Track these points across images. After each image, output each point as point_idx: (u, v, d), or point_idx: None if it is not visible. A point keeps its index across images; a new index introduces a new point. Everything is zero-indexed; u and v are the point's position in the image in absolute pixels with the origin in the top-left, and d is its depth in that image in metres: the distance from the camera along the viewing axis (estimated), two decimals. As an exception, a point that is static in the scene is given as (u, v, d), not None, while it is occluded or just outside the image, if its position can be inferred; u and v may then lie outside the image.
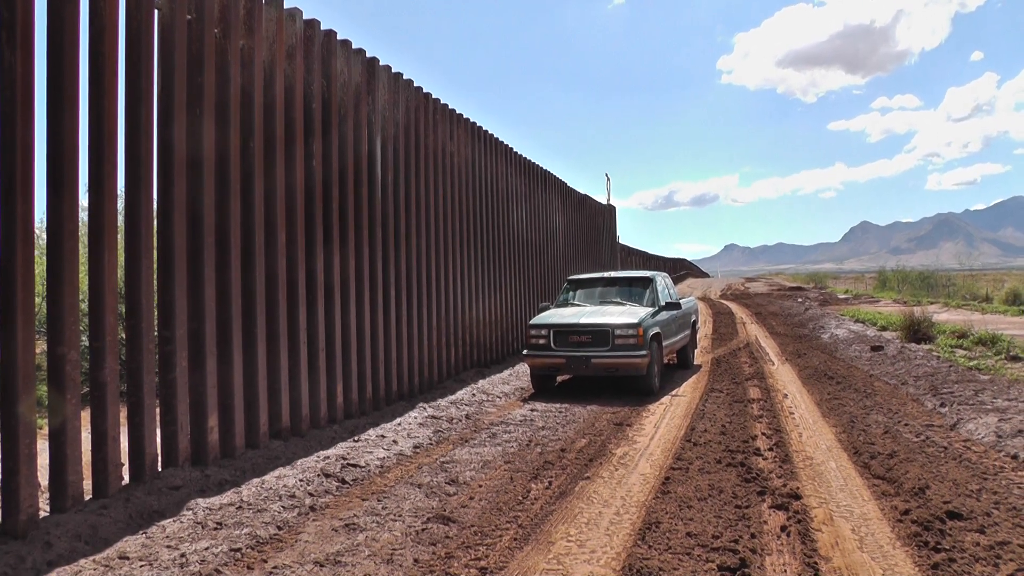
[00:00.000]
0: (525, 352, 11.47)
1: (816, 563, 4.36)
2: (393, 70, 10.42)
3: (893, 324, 17.37)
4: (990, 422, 7.59)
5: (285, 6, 7.96)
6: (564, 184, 21.19)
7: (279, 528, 5.18)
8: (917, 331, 15.03)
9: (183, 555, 4.64)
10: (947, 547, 4.49)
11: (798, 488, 5.82)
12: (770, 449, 7.18)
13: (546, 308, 12.82)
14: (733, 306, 31.34)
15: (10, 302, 4.96)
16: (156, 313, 6.42)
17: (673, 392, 10.99)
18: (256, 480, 6.27)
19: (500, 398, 10.86)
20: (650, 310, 11.62)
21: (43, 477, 5.36)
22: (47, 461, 5.33)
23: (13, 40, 4.98)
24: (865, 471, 6.31)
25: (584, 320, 11.17)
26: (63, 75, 5.41)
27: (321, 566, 4.47)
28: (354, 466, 6.80)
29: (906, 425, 7.92)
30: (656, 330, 11.28)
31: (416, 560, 4.54)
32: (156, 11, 6.34)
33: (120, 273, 6.19)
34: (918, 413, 8.56)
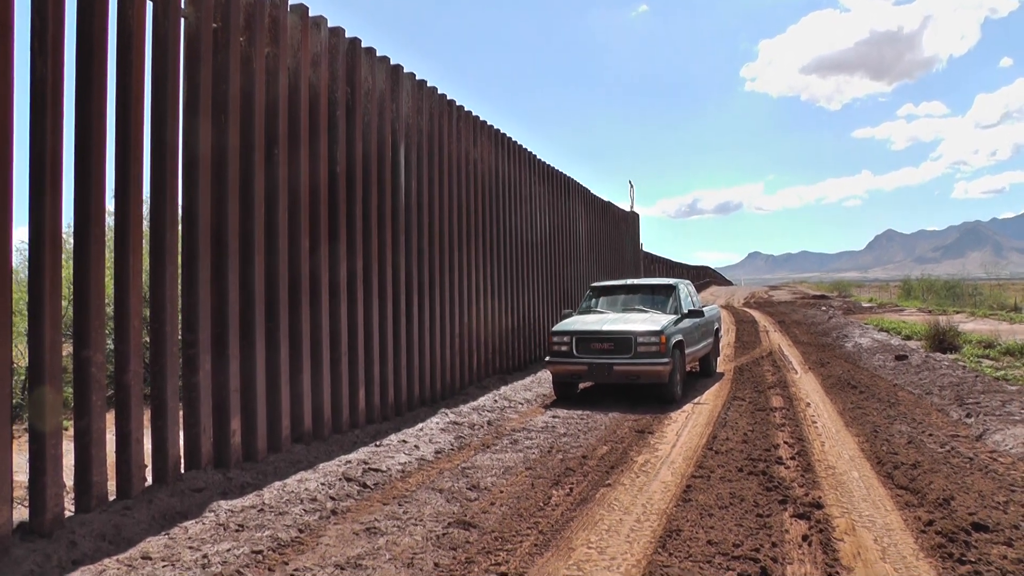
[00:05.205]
0: (547, 359, 11.46)
1: (838, 573, 4.33)
2: (417, 77, 10.48)
3: (918, 333, 17.19)
4: (1018, 433, 7.50)
5: (310, 14, 8.03)
6: (587, 191, 21.17)
7: (300, 531, 5.21)
8: (942, 341, 14.88)
9: (205, 556, 4.68)
10: (972, 559, 4.43)
11: (820, 497, 5.77)
12: (792, 458, 7.12)
13: (569, 315, 12.79)
14: (756, 314, 31.14)
15: (38, 305, 5.04)
16: (180, 316, 6.49)
17: (695, 400, 10.94)
18: (278, 483, 6.31)
19: (522, 404, 10.85)
20: (673, 318, 11.57)
21: (68, 477, 5.42)
22: (72, 462, 5.39)
23: (44, 49, 5.06)
24: (888, 481, 6.25)
25: (606, 327, 11.14)
26: (91, 83, 5.49)
27: (342, 569, 4.49)
28: (376, 471, 6.83)
29: (930, 435, 7.83)
30: (679, 338, 11.23)
31: (436, 564, 4.55)
32: (183, 20, 6.42)
33: (145, 277, 6.26)
34: (943, 423, 8.47)
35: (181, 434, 6.38)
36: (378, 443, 7.89)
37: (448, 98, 11.55)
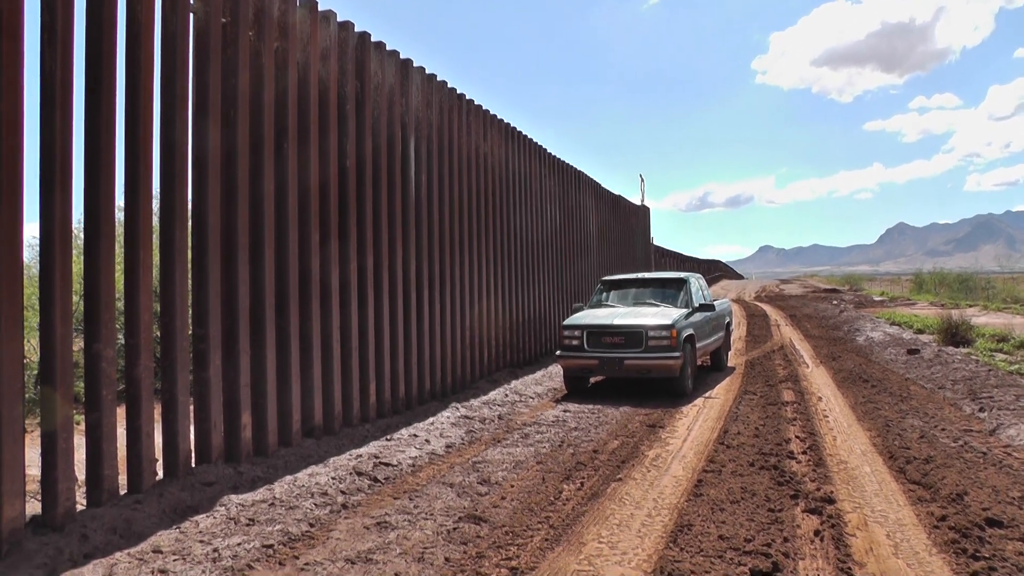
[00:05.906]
0: (558, 353, 11.44)
1: (850, 568, 4.30)
2: (427, 71, 10.45)
3: (930, 327, 17.10)
4: (1031, 427, 7.44)
5: (319, 9, 8.01)
6: (598, 185, 21.12)
7: (311, 525, 5.21)
8: (955, 334, 14.78)
9: (215, 550, 4.68)
10: (987, 555, 4.40)
11: (832, 492, 5.74)
12: (804, 452, 7.09)
13: (580, 309, 12.76)
14: (767, 308, 31.04)
15: (49, 300, 5.05)
16: (190, 311, 6.49)
17: (706, 394, 10.91)
18: (289, 477, 6.32)
19: (533, 399, 10.85)
20: (684, 311, 11.53)
21: (80, 472, 5.44)
22: (83, 456, 5.41)
23: (54, 43, 5.06)
24: (901, 476, 6.21)
25: (617, 321, 11.11)
26: (101, 78, 5.49)
27: (352, 563, 4.49)
28: (386, 465, 6.83)
29: (943, 430, 7.78)
30: (690, 332, 11.19)
31: (447, 559, 4.54)
32: (191, 15, 6.41)
33: (155, 272, 6.26)
34: (956, 418, 8.41)
35: (192, 428, 6.39)
36: (389, 437, 7.89)
37: (458, 92, 11.52)
